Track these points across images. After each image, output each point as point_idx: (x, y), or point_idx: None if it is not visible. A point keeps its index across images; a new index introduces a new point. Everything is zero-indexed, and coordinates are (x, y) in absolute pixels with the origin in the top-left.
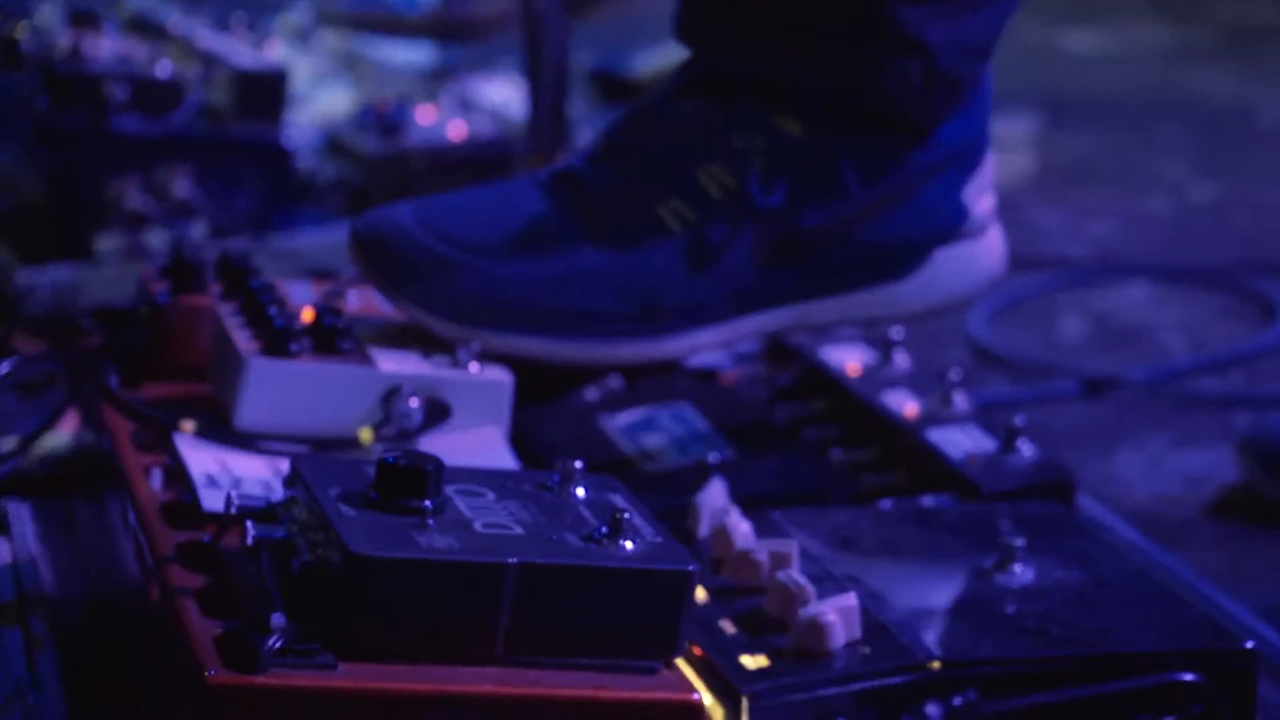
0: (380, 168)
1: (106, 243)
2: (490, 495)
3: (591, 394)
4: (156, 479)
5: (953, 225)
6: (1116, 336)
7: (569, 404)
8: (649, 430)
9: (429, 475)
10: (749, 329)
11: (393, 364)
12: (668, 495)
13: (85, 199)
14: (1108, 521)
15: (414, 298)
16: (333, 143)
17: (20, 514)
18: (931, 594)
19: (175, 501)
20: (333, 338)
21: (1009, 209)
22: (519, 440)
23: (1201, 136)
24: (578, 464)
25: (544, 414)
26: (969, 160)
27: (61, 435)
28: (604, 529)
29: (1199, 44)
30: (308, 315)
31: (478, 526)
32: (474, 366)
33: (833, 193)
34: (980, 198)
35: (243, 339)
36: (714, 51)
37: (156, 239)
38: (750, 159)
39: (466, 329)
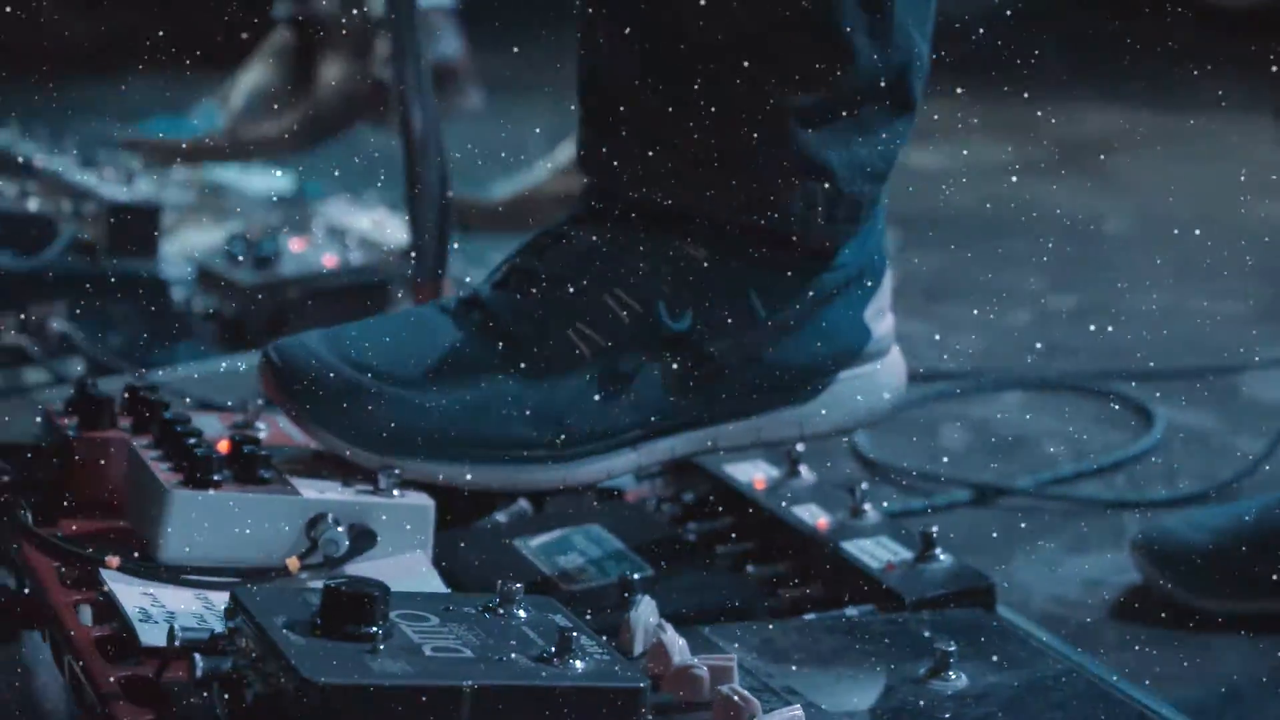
0: (255, 299)
1: None
2: (434, 619)
3: (502, 517)
4: (86, 616)
5: (856, 347)
6: (997, 446)
7: (482, 528)
8: (565, 551)
9: (375, 601)
10: (660, 453)
11: (315, 491)
12: (592, 614)
13: None
14: (1022, 626)
15: (329, 426)
16: (205, 274)
17: None
18: (870, 703)
19: (110, 637)
20: (253, 466)
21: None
22: (436, 564)
23: (1052, 248)
24: (518, 585)
25: (458, 539)
26: (869, 282)
27: None
28: (553, 649)
29: (1036, 158)
30: (224, 445)
31: (427, 651)
32: (396, 491)
33: (740, 317)
34: (880, 319)
35: (163, 471)
36: (619, 182)
37: (35, 376)
38: (658, 285)
39: (383, 457)
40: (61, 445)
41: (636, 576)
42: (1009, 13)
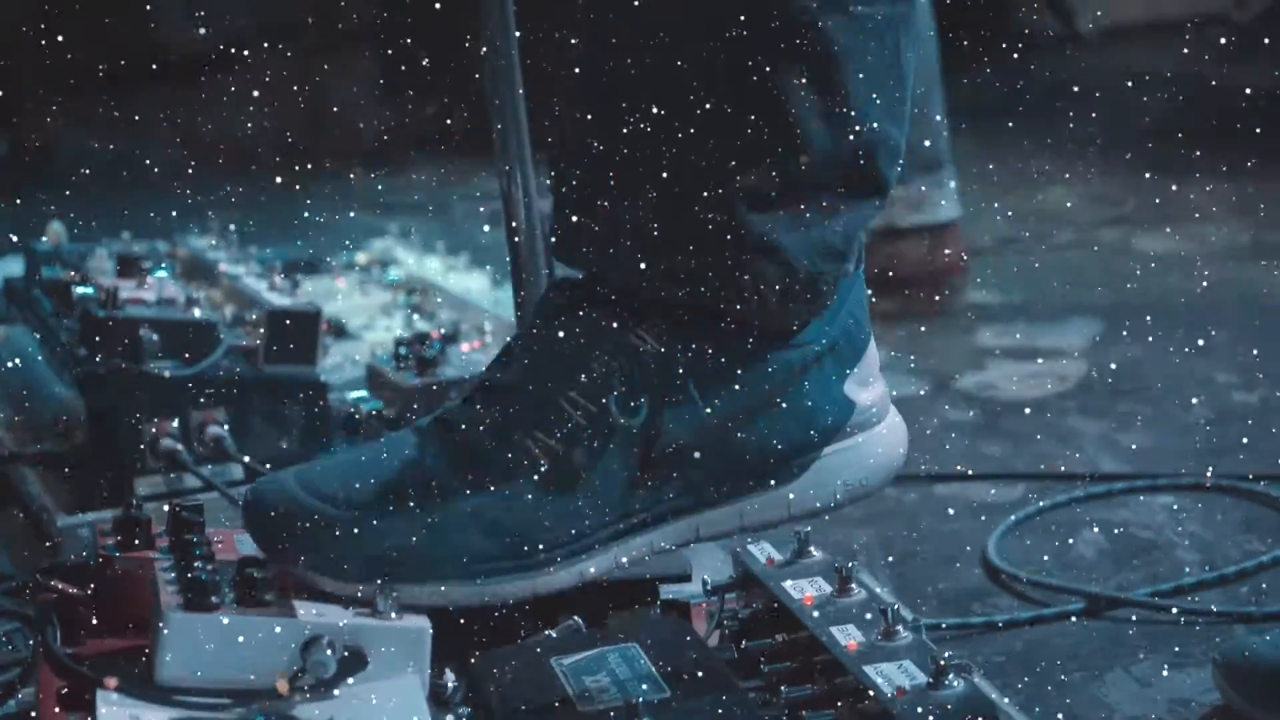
0: (415, 399)
1: (145, 486)
2: None
3: (553, 634)
4: None
5: (837, 422)
6: (1131, 552)
7: (526, 645)
8: (595, 671)
9: None
10: (641, 547)
11: (313, 613)
12: None
13: (123, 442)
14: None
15: (302, 560)
16: (373, 376)
17: None
18: None
19: None
20: (256, 589)
21: (1048, 420)
22: (472, 683)
23: (1257, 340)
24: None
25: (501, 655)
26: (845, 354)
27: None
28: None
29: (1273, 244)
30: (237, 568)
31: None
32: (394, 614)
33: (694, 405)
34: (865, 389)
35: (168, 593)
36: (584, 265)
37: (193, 481)
38: (610, 380)
39: (352, 584)
40: (99, 565)
41: (642, 701)
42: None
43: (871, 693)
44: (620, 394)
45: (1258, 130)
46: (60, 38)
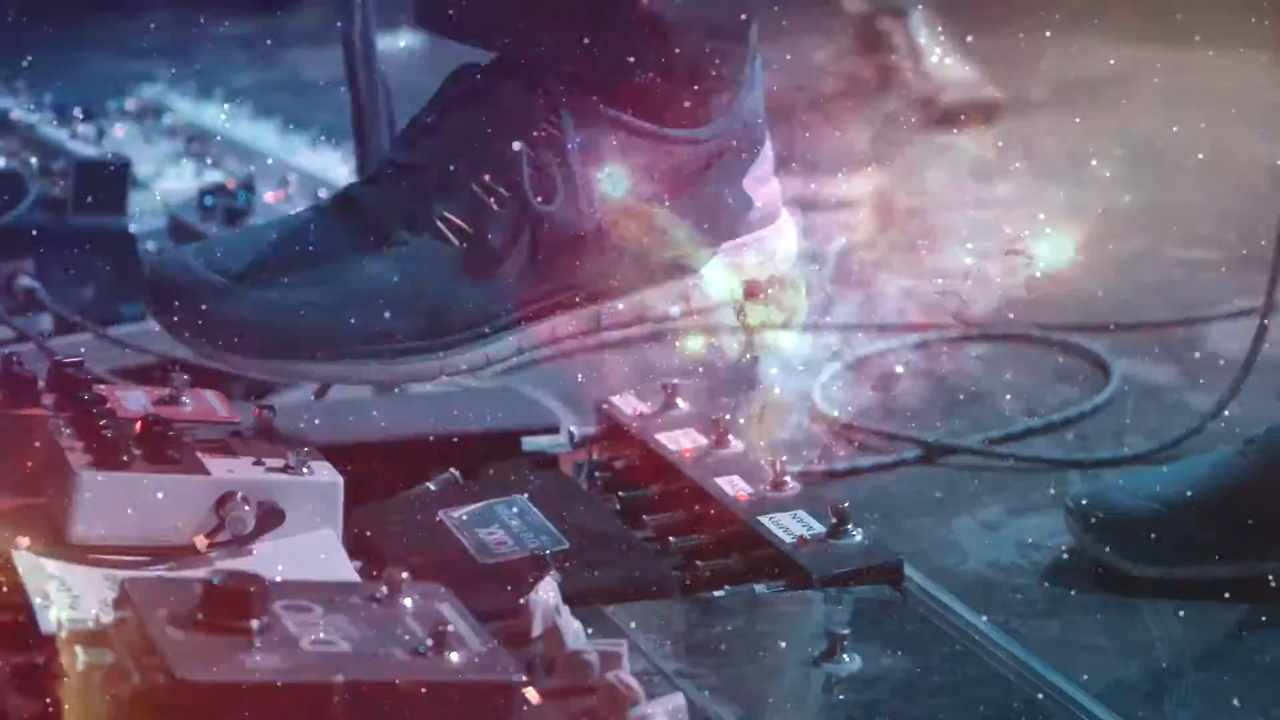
0: None
1: None
2: (318, 610)
3: (433, 487)
4: None
5: (736, 216)
6: (956, 401)
7: (411, 498)
8: (488, 524)
9: (253, 596)
10: (542, 334)
11: (224, 470)
12: (503, 590)
13: None
14: (943, 600)
15: (201, 334)
16: (177, 226)
17: None
18: (761, 687)
19: (11, 623)
20: (164, 446)
21: (852, 272)
22: (361, 536)
23: (1035, 192)
24: (405, 574)
25: (385, 510)
26: (745, 152)
27: None
28: (430, 641)
29: (1030, 98)
30: (140, 426)
31: (305, 644)
32: (305, 469)
33: (601, 194)
34: (763, 187)
35: (74, 452)
36: (456, 34)
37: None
38: (521, 166)
39: (254, 361)
40: None
41: (549, 552)
42: None
43: (771, 542)
44: (533, 179)
45: None
46: None
